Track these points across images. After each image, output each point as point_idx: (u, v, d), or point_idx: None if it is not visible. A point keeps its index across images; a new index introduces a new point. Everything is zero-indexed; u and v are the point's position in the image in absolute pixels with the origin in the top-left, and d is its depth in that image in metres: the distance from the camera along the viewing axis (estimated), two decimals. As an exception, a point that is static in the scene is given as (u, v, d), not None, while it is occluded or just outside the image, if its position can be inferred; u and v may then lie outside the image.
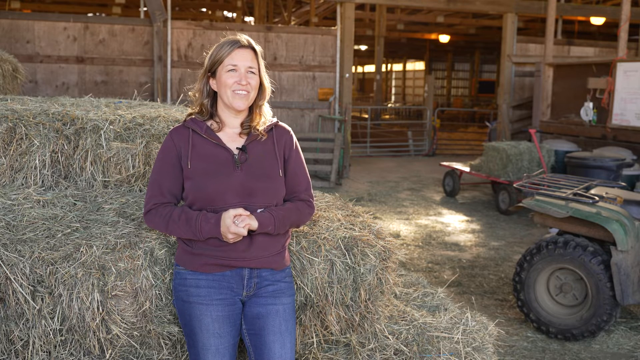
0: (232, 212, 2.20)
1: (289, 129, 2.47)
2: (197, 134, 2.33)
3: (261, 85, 2.37)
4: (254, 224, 2.22)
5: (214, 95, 2.39)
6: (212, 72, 2.34)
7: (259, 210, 2.28)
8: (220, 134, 2.36)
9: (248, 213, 2.24)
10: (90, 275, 2.28)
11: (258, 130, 2.36)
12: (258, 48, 2.37)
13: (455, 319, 2.97)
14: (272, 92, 2.45)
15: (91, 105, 3.65)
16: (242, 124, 2.38)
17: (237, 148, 2.33)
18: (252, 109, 2.39)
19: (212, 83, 2.35)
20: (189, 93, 2.43)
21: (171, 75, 11.35)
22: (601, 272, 4.40)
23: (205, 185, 2.26)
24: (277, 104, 11.63)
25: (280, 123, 2.46)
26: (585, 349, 4.47)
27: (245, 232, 2.21)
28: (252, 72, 2.32)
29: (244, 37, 2.34)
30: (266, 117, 2.41)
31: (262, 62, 2.38)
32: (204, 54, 2.40)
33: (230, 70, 2.29)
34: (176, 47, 11.35)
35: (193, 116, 2.39)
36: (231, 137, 2.36)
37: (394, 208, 9.24)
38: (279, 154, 2.37)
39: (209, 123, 2.37)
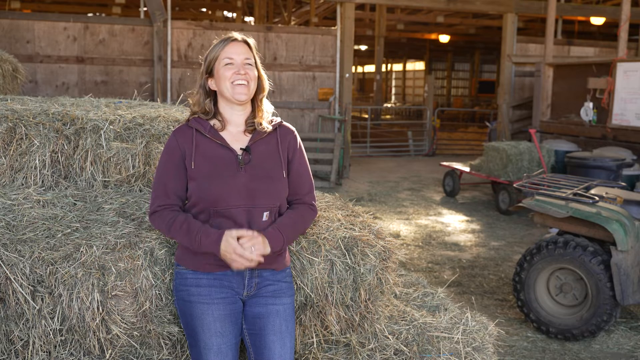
0: (235, 233, 2.19)
1: (293, 129, 2.47)
2: (200, 133, 2.33)
3: (259, 77, 2.38)
4: (266, 250, 2.21)
5: (214, 95, 2.39)
6: (209, 71, 2.35)
7: (264, 219, 2.27)
8: (224, 134, 2.35)
9: (251, 233, 2.21)
10: (90, 275, 2.28)
11: (262, 125, 2.36)
12: (251, 41, 2.37)
13: (455, 319, 2.96)
14: (272, 90, 2.45)
15: (91, 105, 3.65)
16: (246, 121, 2.38)
17: (240, 149, 2.33)
18: (254, 104, 2.39)
19: (211, 83, 2.36)
20: (188, 99, 2.43)
21: (171, 75, 11.34)
22: (601, 272, 4.40)
23: (208, 186, 2.25)
24: (277, 104, 11.54)
25: (285, 123, 2.46)
26: (585, 349, 4.46)
27: (261, 260, 2.19)
28: (249, 64, 2.33)
29: (235, 33, 2.35)
30: (268, 111, 2.42)
31: (257, 56, 2.38)
32: (203, 52, 2.41)
33: (227, 64, 2.30)
34: (176, 47, 11.35)
35: (197, 115, 2.39)
36: (235, 137, 2.36)
37: (394, 208, 9.24)
38: (282, 154, 2.37)
39: (212, 122, 2.37)
